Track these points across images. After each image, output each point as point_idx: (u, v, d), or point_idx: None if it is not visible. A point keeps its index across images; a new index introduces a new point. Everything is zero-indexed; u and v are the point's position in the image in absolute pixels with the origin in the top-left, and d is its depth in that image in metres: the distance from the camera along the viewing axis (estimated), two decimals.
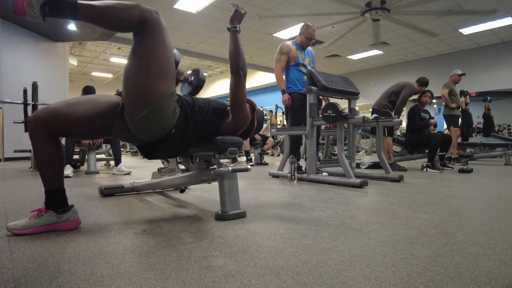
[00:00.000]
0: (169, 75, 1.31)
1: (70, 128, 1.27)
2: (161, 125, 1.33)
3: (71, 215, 1.29)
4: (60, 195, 1.29)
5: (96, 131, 1.33)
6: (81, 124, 1.26)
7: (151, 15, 1.24)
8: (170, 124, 1.35)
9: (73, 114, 1.24)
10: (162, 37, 1.26)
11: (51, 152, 1.24)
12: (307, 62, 3.51)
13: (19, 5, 1.07)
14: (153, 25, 1.24)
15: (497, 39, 8.80)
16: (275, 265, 0.92)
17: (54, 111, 1.23)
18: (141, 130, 1.32)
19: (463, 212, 1.63)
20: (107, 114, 1.30)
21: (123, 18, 1.20)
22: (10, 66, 6.57)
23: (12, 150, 4.93)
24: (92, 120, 1.28)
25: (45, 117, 1.21)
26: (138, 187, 2.23)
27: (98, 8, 1.16)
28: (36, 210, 1.25)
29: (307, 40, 3.46)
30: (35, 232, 1.21)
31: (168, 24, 1.30)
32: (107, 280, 0.82)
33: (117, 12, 1.19)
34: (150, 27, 1.23)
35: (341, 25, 6.90)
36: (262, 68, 12.05)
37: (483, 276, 0.84)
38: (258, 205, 1.84)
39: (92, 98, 1.34)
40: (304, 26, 3.49)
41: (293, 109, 3.44)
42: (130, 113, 1.28)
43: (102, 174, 3.79)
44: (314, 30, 3.46)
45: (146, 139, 1.39)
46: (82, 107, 1.27)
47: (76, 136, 1.37)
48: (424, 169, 4.02)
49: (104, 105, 1.31)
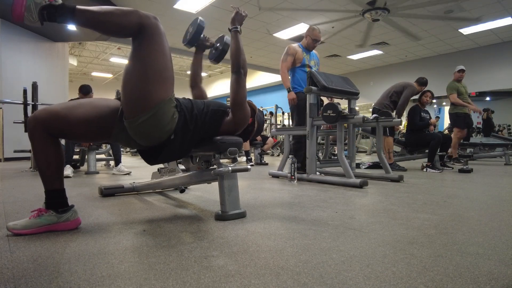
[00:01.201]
0: (168, 81, 1.31)
1: (69, 130, 1.26)
2: (160, 130, 1.33)
3: (71, 215, 1.29)
4: (60, 195, 1.29)
5: (95, 133, 1.33)
6: (79, 126, 1.26)
7: (149, 21, 1.23)
8: (169, 129, 1.35)
9: (72, 116, 1.24)
10: (160, 42, 1.26)
11: (50, 152, 1.24)
12: (313, 64, 3.59)
13: (18, 10, 1.08)
14: (152, 30, 1.23)
15: (497, 39, 8.79)
16: (275, 265, 0.92)
17: (53, 112, 1.23)
18: (141, 135, 1.33)
19: (463, 212, 1.63)
20: (106, 118, 1.30)
21: (121, 24, 1.20)
22: (10, 66, 6.57)
23: (12, 150, 4.93)
24: (91, 123, 1.28)
25: (44, 117, 1.21)
26: (138, 187, 2.23)
27: (97, 14, 1.17)
28: (36, 210, 1.25)
29: (313, 41, 3.52)
30: (35, 232, 1.22)
31: (168, 24, 1.31)
32: (107, 280, 0.82)
33: (115, 18, 1.19)
34: (149, 33, 1.23)
35: (341, 25, 6.90)
36: (262, 68, 12.05)
37: (483, 276, 0.84)
38: (258, 205, 1.84)
39: (92, 101, 1.35)
40: (309, 28, 3.56)
41: (298, 108, 3.48)
42: (129, 118, 1.28)
43: (102, 174, 3.79)
44: (320, 32, 3.54)
45: (146, 144, 1.39)
46: (81, 109, 1.27)
47: (75, 138, 1.36)
48: (424, 169, 4.02)
49: (104, 108, 1.31)
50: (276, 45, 9.12)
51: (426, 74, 4.81)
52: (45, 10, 1.10)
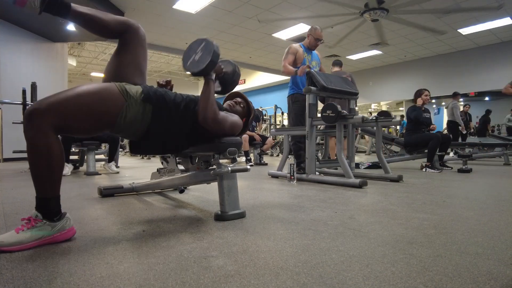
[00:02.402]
0: (143, 76, 1.45)
1: (74, 122, 1.21)
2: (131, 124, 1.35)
3: (66, 223, 1.17)
4: (59, 202, 1.18)
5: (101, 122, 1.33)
6: (85, 119, 1.26)
7: (132, 25, 1.39)
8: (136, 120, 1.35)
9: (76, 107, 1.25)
10: (141, 45, 1.42)
11: (55, 151, 1.16)
12: (314, 65, 3.57)
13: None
14: (133, 34, 1.40)
15: (496, 39, 8.81)
16: (275, 265, 0.92)
17: (58, 102, 1.21)
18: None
19: (462, 212, 1.64)
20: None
21: (107, 25, 1.33)
22: (9, 67, 6.57)
23: (11, 150, 4.92)
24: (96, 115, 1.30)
25: (49, 109, 1.19)
26: (137, 188, 2.23)
27: (88, 13, 1.29)
28: (25, 219, 1.11)
29: (316, 41, 3.52)
30: (29, 247, 1.07)
31: (167, 25, 1.33)
32: (106, 281, 0.82)
33: (103, 20, 1.32)
34: (130, 37, 1.39)
35: (341, 25, 6.91)
36: (261, 68, 12.05)
37: (482, 276, 0.84)
38: (257, 205, 1.84)
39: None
40: (311, 28, 3.57)
41: (295, 110, 3.49)
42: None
43: (101, 174, 3.79)
44: (322, 31, 3.54)
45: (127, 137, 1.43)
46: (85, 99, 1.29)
47: (79, 131, 1.27)
48: (423, 169, 4.02)
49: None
50: (276, 45, 9.13)
51: (425, 74, 4.83)
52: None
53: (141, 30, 1.42)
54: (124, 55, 1.40)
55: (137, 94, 1.32)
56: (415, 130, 4.39)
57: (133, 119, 1.30)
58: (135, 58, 1.41)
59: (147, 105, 1.34)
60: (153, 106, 1.35)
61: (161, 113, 1.38)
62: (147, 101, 1.34)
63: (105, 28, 1.34)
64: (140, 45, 1.42)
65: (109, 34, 1.39)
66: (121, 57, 1.40)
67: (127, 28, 1.38)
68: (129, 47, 1.39)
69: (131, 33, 1.39)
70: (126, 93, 1.29)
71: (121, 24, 1.37)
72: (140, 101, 1.32)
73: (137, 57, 1.41)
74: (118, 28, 1.36)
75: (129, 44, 1.39)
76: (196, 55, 1.49)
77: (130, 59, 1.40)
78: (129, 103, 1.28)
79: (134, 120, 1.31)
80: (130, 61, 1.40)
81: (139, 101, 1.31)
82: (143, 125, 1.35)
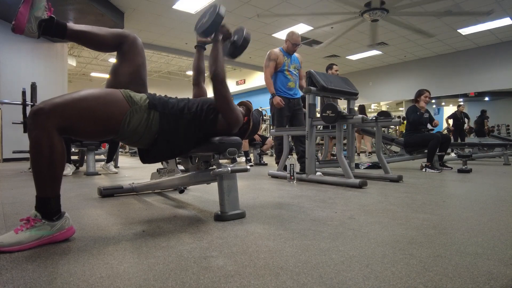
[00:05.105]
0: (144, 84, 1.48)
1: (77, 125, 1.22)
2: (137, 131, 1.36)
3: (65, 222, 1.16)
4: (59, 201, 1.18)
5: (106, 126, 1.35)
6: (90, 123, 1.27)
7: (129, 36, 1.42)
8: (143, 129, 1.37)
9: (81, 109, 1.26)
10: (139, 54, 1.45)
11: (59, 150, 1.17)
12: (292, 68, 3.72)
13: (21, 22, 1.15)
14: (130, 44, 1.42)
15: (495, 39, 8.81)
16: (275, 266, 0.92)
17: (62, 104, 1.22)
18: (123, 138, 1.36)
19: (462, 212, 1.64)
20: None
21: (104, 40, 1.37)
22: (9, 67, 6.57)
23: (11, 150, 4.93)
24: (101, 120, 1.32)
25: (54, 109, 1.19)
26: (137, 188, 2.23)
27: (84, 30, 1.32)
28: (24, 220, 1.10)
29: (293, 45, 3.66)
30: (29, 247, 1.07)
31: (167, 25, 1.34)
32: (106, 281, 0.82)
33: (99, 35, 1.35)
34: (128, 47, 1.42)
35: (340, 25, 6.91)
36: (261, 69, 11.98)
37: (482, 276, 0.84)
38: (257, 205, 1.84)
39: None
40: (289, 33, 3.70)
41: (277, 112, 3.65)
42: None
43: (101, 174, 3.79)
44: (299, 36, 3.68)
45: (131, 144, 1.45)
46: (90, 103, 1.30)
47: (82, 134, 1.28)
48: (423, 169, 4.02)
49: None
50: (276, 45, 9.03)
51: (425, 75, 4.84)
52: (44, 22, 1.20)
53: (138, 40, 1.46)
54: (124, 66, 1.42)
55: (141, 101, 1.34)
56: (414, 130, 4.39)
57: (137, 125, 1.31)
58: (135, 68, 1.44)
59: (152, 112, 1.36)
60: (159, 113, 1.38)
61: (168, 119, 1.40)
62: (152, 108, 1.36)
63: (102, 43, 1.38)
64: (138, 54, 1.45)
65: (107, 48, 1.45)
66: (121, 67, 1.43)
67: (123, 39, 1.41)
68: (128, 57, 1.42)
69: (128, 43, 1.42)
70: (130, 99, 1.31)
71: (117, 36, 1.40)
72: (145, 108, 1.34)
73: (137, 67, 1.44)
74: (115, 41, 1.40)
75: (128, 54, 1.42)
76: (204, 19, 1.62)
77: (130, 69, 1.43)
78: (133, 109, 1.30)
79: (138, 126, 1.32)
80: (130, 71, 1.43)
81: (143, 107, 1.34)
82: (150, 132, 1.36)
